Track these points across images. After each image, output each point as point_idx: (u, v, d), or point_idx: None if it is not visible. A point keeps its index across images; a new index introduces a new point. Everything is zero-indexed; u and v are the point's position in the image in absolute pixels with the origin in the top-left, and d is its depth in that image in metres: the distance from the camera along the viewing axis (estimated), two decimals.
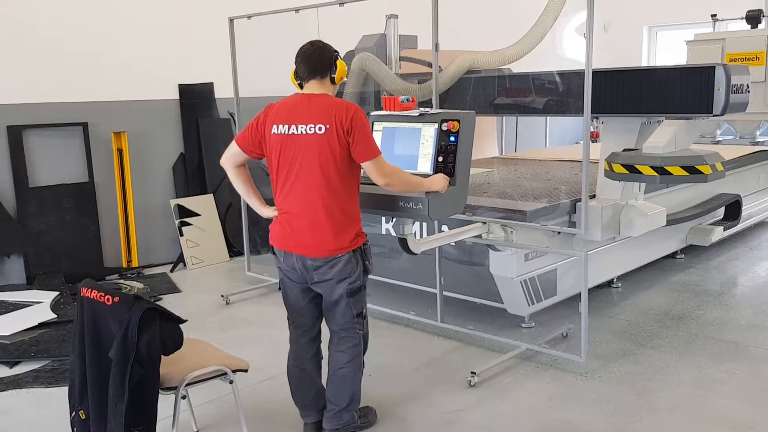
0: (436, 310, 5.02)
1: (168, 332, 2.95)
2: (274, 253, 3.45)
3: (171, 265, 6.95)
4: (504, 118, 9.09)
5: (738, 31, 10.00)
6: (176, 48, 7.03)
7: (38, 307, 5.45)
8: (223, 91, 7.09)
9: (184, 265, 6.95)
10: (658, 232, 5.95)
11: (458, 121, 3.68)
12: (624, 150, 4.30)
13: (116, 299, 2.91)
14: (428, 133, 3.79)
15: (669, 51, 12.13)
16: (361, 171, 3.31)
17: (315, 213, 3.22)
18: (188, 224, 7.06)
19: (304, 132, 3.19)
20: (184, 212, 7.08)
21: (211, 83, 7.29)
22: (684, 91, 4.09)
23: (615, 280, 5.95)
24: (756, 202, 7.68)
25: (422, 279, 5.32)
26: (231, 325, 5.34)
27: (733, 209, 6.80)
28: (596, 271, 5.49)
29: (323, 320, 3.52)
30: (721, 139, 10.27)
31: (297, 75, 3.32)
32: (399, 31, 5.77)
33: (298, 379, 3.55)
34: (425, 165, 3.77)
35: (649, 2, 11.89)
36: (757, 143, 9.25)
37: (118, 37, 6.68)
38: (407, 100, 3.93)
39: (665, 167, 3.91)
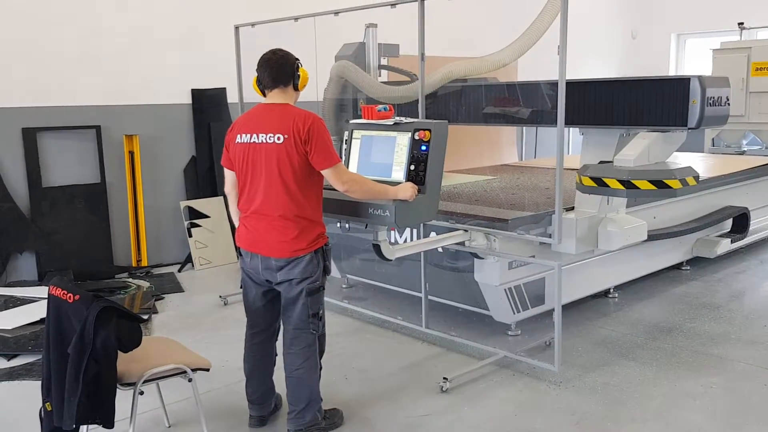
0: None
1: (125, 330, 3.08)
2: (240, 255, 3.59)
3: (179, 265, 7.13)
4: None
5: (764, 40, 9.82)
6: (190, 54, 7.23)
7: (43, 303, 5.64)
8: (235, 96, 7.23)
9: (192, 265, 7.13)
10: (660, 243, 5.89)
11: (429, 130, 3.76)
12: (600, 162, 4.29)
13: (77, 297, 3.04)
14: (402, 141, 3.88)
15: (697, 59, 11.95)
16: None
17: (277, 217, 3.37)
18: (197, 225, 7.24)
19: (264, 141, 3.34)
20: (194, 214, 7.27)
21: (224, 88, 7.46)
22: (660, 103, 4.07)
23: (612, 290, 5.90)
24: None
25: (415, 284, 5.37)
26: (224, 325, 5.47)
27: (741, 222, 6.67)
28: (590, 280, 5.47)
29: (279, 323, 3.63)
30: (746, 149, 10.08)
31: (259, 82, 3.45)
32: (382, 40, 5.80)
33: (248, 375, 3.75)
34: (399, 173, 3.85)
35: (678, 10, 11.72)
36: None
37: (133, 44, 6.91)
38: (384, 109, 4.03)
39: (632, 181, 3.88)
